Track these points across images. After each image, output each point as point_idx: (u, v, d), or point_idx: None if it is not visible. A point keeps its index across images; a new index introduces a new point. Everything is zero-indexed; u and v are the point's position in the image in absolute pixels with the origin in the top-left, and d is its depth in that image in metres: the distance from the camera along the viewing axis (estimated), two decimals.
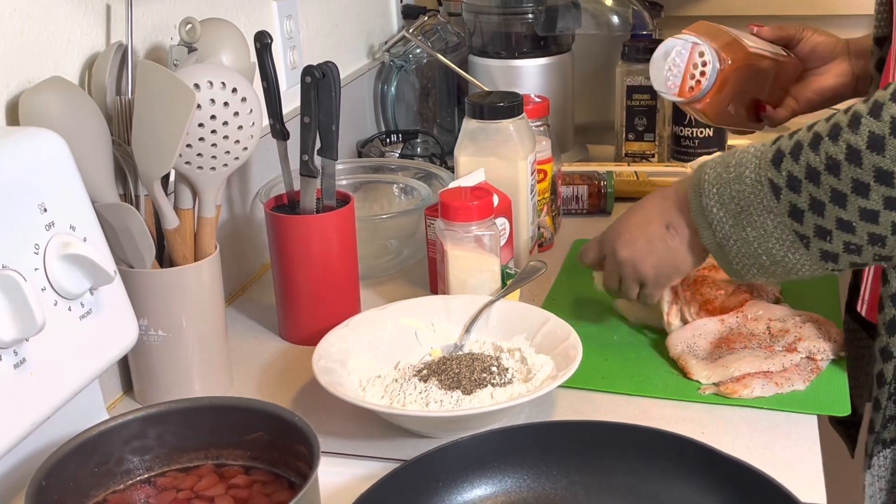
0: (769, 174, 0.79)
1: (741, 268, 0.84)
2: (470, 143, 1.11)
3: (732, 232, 0.83)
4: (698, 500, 0.71)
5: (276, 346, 1.03)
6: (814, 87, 1.10)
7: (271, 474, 0.73)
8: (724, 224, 0.83)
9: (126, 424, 0.72)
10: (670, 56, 1.02)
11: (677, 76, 1.02)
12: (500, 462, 0.74)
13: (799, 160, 0.77)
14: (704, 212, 0.84)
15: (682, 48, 1.02)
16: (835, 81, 1.10)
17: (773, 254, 0.81)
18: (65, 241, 0.72)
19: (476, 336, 0.95)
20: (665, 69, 1.02)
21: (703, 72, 1.01)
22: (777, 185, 0.79)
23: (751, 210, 0.81)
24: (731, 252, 0.84)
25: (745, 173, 0.81)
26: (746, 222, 0.81)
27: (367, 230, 1.12)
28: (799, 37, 1.09)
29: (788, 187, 0.78)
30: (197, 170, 0.86)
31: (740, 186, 0.81)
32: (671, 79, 1.03)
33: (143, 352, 0.89)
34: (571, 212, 1.34)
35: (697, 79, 1.02)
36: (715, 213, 0.83)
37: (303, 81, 0.94)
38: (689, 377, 0.91)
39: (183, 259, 0.89)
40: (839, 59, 1.09)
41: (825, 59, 1.10)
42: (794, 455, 0.81)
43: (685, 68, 1.01)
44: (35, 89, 0.79)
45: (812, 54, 1.09)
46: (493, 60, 1.50)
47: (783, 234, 0.80)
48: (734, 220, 0.82)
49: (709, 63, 1.01)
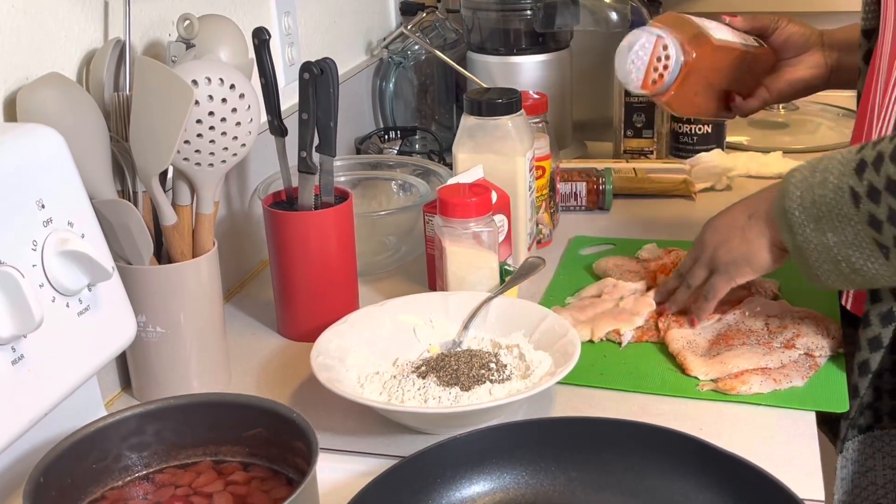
0: (851, 182, 0.79)
1: (821, 273, 0.84)
2: (468, 140, 1.11)
3: (813, 236, 0.83)
4: (696, 497, 0.71)
5: (275, 343, 1.03)
6: (786, 77, 1.10)
7: (270, 471, 0.73)
8: (804, 227, 0.83)
9: (124, 421, 0.72)
10: (634, 49, 1.02)
11: (640, 69, 1.02)
12: (498, 458, 0.74)
13: (880, 171, 0.77)
14: (787, 213, 0.84)
15: (647, 41, 1.01)
16: (807, 73, 1.10)
17: (852, 262, 0.81)
18: (63, 238, 0.72)
19: (474, 332, 0.95)
20: (629, 62, 1.02)
21: (666, 65, 1.01)
22: (857, 194, 0.79)
23: (832, 216, 0.81)
24: (811, 257, 0.84)
25: (830, 178, 0.81)
26: (828, 227, 0.82)
27: (366, 227, 1.12)
28: (773, 27, 1.09)
29: (868, 197, 0.78)
30: (195, 166, 0.86)
31: (823, 191, 0.81)
32: (634, 71, 1.02)
33: (141, 348, 0.89)
34: (570, 208, 1.34)
35: (660, 72, 1.01)
36: (796, 216, 0.83)
37: (301, 78, 0.94)
38: (688, 373, 0.91)
39: (181, 255, 0.89)
40: (813, 50, 1.10)
41: (799, 50, 1.10)
42: (792, 451, 0.81)
43: (648, 61, 1.01)
44: (33, 86, 0.79)
45: (786, 45, 1.10)
46: (492, 57, 1.50)
47: (863, 242, 0.80)
48: (815, 223, 0.82)
49: (672, 57, 1.01)
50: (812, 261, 0.84)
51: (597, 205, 1.34)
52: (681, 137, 1.49)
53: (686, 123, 1.47)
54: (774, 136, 1.63)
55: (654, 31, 1.02)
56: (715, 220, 0.95)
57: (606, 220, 1.32)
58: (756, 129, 1.65)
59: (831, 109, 1.69)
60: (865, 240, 0.80)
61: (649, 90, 1.03)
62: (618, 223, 1.31)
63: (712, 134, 1.48)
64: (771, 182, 1.34)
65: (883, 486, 0.97)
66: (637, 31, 1.03)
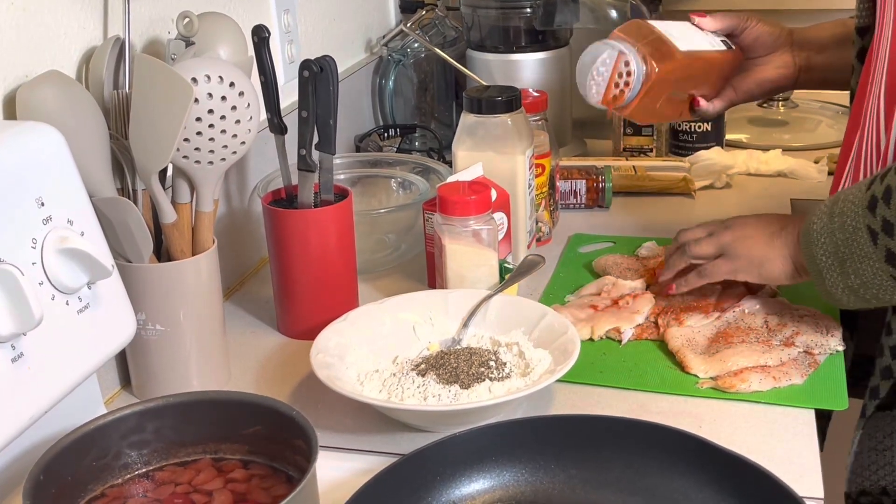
0: (866, 220, 0.81)
1: (852, 307, 0.87)
2: (468, 138, 1.11)
3: (839, 280, 0.85)
4: (696, 494, 0.71)
5: (274, 341, 1.03)
6: (754, 77, 1.10)
7: (269, 468, 0.73)
8: (832, 272, 0.85)
9: (124, 419, 0.72)
10: (595, 64, 0.99)
11: (601, 84, 0.99)
12: (498, 456, 0.74)
13: (890, 204, 0.79)
14: (815, 261, 0.86)
15: (608, 57, 0.98)
16: (776, 73, 1.09)
17: (879, 297, 0.83)
18: (62, 236, 0.72)
19: (474, 330, 0.95)
20: (589, 77, 0.99)
21: (628, 82, 0.98)
22: (873, 231, 0.80)
23: (854, 257, 0.82)
24: (842, 299, 0.86)
25: (847, 221, 0.83)
26: (851, 270, 0.83)
27: (365, 224, 1.12)
28: (743, 26, 1.08)
29: (884, 232, 0.79)
30: (194, 164, 0.86)
31: (843, 235, 0.83)
32: (595, 87, 1.00)
33: (140, 346, 0.89)
34: (569, 206, 1.34)
35: (622, 88, 0.99)
36: (824, 262, 0.85)
37: (301, 76, 0.94)
38: (687, 371, 0.91)
39: (181, 253, 0.89)
40: (781, 49, 1.09)
41: (768, 50, 1.09)
42: (792, 449, 0.81)
43: (609, 77, 0.98)
44: (32, 83, 0.79)
45: (755, 44, 1.08)
46: (491, 55, 1.50)
47: (882, 281, 0.81)
48: (840, 267, 0.84)
49: (633, 73, 0.98)
50: (844, 303, 0.87)
51: (596, 203, 1.34)
52: (680, 135, 1.49)
53: (685, 122, 1.47)
54: (773, 133, 1.63)
55: (616, 46, 0.99)
56: (748, 217, 0.97)
57: (606, 218, 1.32)
58: (755, 126, 1.65)
59: (830, 107, 1.69)
60: (884, 277, 0.81)
61: (608, 105, 1.01)
62: (617, 221, 1.31)
63: (712, 132, 1.48)
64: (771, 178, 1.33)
65: None
66: (598, 45, 1.00)
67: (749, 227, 0.95)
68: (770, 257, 0.91)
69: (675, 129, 1.49)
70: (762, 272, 0.92)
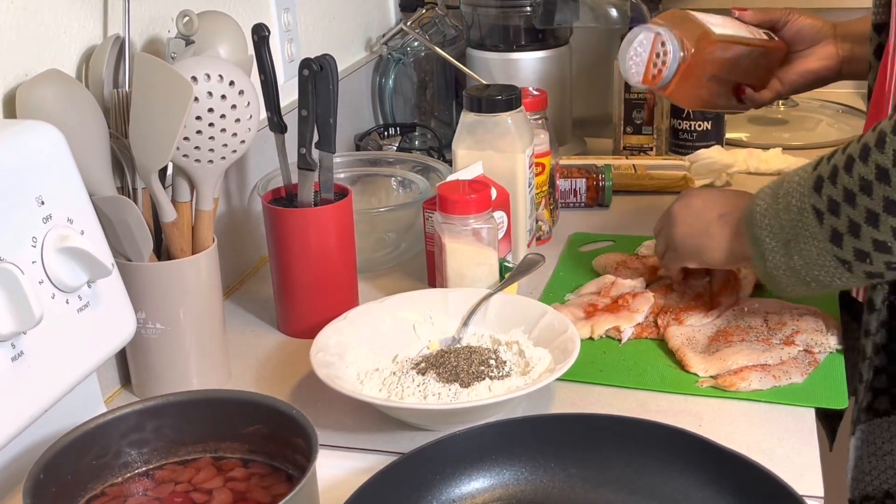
0: (812, 200, 0.80)
1: (791, 291, 0.86)
2: (468, 137, 1.11)
3: (782, 261, 0.84)
4: (696, 493, 0.71)
5: (274, 340, 1.03)
6: (798, 69, 1.11)
7: (269, 467, 0.73)
8: (774, 253, 0.84)
9: (124, 417, 0.72)
10: (633, 45, 1.05)
11: (640, 65, 1.05)
12: (497, 455, 0.74)
13: (836, 183, 0.78)
14: (758, 241, 0.85)
15: (645, 38, 1.04)
16: (819, 65, 1.10)
17: (819, 280, 0.83)
18: (62, 234, 0.72)
19: (474, 329, 0.95)
20: (629, 57, 1.05)
21: (665, 61, 1.04)
22: (819, 211, 0.80)
23: (798, 238, 0.82)
24: (782, 280, 0.85)
25: (792, 202, 0.82)
26: (794, 251, 0.83)
27: (365, 223, 1.12)
28: (784, 20, 1.10)
29: (830, 211, 0.79)
30: (194, 163, 0.86)
31: (788, 216, 0.82)
32: (634, 67, 1.05)
33: (140, 345, 0.89)
34: (569, 205, 1.34)
35: (659, 68, 1.04)
36: (767, 243, 0.84)
37: (300, 74, 0.94)
38: (687, 370, 0.91)
39: (181, 252, 0.89)
40: (824, 42, 1.10)
41: (811, 42, 1.10)
42: (792, 448, 0.81)
43: (647, 57, 1.04)
44: (32, 82, 0.79)
45: (797, 37, 1.10)
46: (491, 53, 1.50)
47: (826, 261, 0.81)
48: (784, 248, 0.83)
49: (669, 52, 1.03)
50: (784, 283, 0.86)
51: (596, 201, 1.34)
52: (680, 134, 1.49)
53: (685, 120, 1.47)
54: (774, 132, 1.63)
55: (652, 28, 1.05)
56: (689, 200, 0.97)
57: (606, 217, 1.32)
58: (755, 125, 1.65)
59: (831, 106, 1.69)
60: (828, 258, 0.81)
61: (650, 84, 1.06)
62: (617, 220, 1.31)
63: (712, 130, 1.48)
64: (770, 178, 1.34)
65: None
66: (637, 28, 1.06)
67: (689, 215, 0.95)
68: (709, 247, 0.93)
69: (675, 127, 1.49)
70: (701, 260, 0.95)
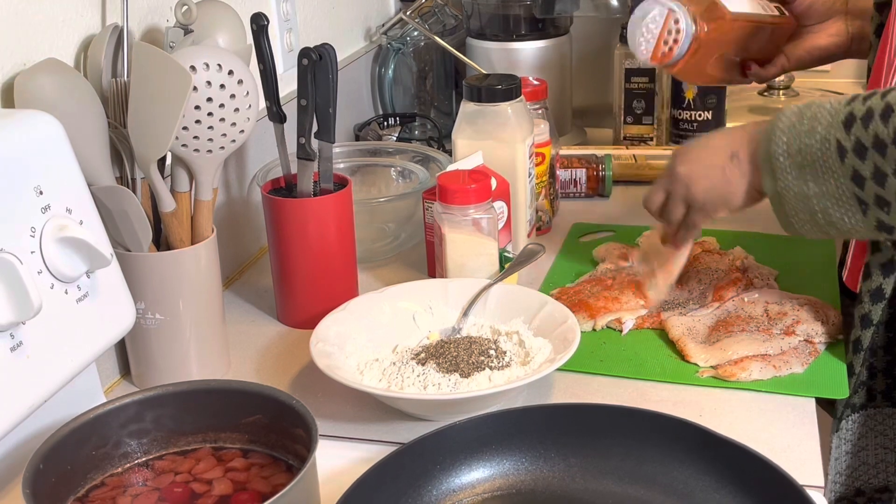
0: (838, 135, 0.78)
1: (795, 220, 0.83)
2: (468, 126, 1.11)
3: (794, 184, 0.81)
4: (696, 483, 0.71)
5: (274, 330, 1.03)
6: (806, 45, 1.09)
7: (269, 457, 0.73)
8: (786, 174, 0.82)
9: (123, 408, 0.72)
10: (645, 20, 1.02)
11: (650, 41, 1.02)
12: (497, 445, 0.74)
13: (868, 128, 0.76)
14: (770, 158, 0.83)
15: (658, 14, 1.01)
16: (828, 41, 1.09)
17: (829, 214, 0.80)
18: (61, 224, 0.71)
19: (474, 319, 0.95)
20: (639, 33, 1.02)
21: (676, 39, 1.01)
22: (843, 148, 0.77)
23: (815, 166, 0.79)
24: (789, 204, 0.83)
25: (818, 128, 0.79)
26: (810, 177, 0.80)
27: (365, 213, 1.11)
28: None
29: (854, 152, 0.77)
30: (193, 152, 0.85)
31: (810, 140, 0.80)
32: (644, 44, 1.02)
33: (140, 335, 0.89)
34: (569, 195, 1.34)
35: (671, 45, 1.01)
36: (781, 162, 0.82)
37: (300, 64, 0.94)
38: (688, 360, 0.91)
39: (180, 242, 0.88)
40: (835, 18, 1.08)
41: (821, 18, 1.08)
42: (792, 438, 0.81)
43: (659, 34, 1.01)
44: (30, 71, 0.79)
45: (808, 11, 1.08)
46: (491, 43, 1.49)
47: (843, 196, 0.79)
48: (798, 171, 0.81)
49: (682, 30, 1.00)
50: (789, 208, 0.83)
51: (596, 191, 1.34)
52: (681, 124, 1.48)
53: (686, 110, 1.47)
54: None
55: (666, 4, 1.01)
56: (691, 153, 0.91)
57: (606, 207, 1.32)
58: (756, 115, 1.65)
59: (832, 96, 1.69)
60: (846, 194, 0.79)
61: (658, 62, 1.03)
62: (617, 210, 1.31)
63: (712, 121, 1.47)
64: None
65: (874, 465, 0.97)
66: (650, 3, 1.02)
67: (698, 165, 0.90)
68: (731, 191, 0.88)
69: (676, 117, 1.48)
70: (730, 206, 0.89)
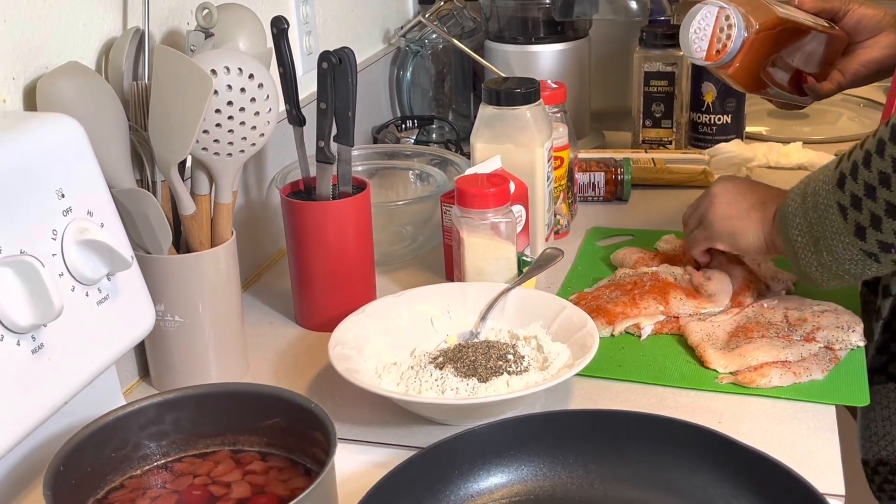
0: (836, 197, 0.83)
1: (829, 286, 0.89)
2: (486, 130, 1.11)
3: (814, 259, 0.87)
4: (715, 490, 0.71)
5: (292, 333, 1.03)
6: (860, 59, 1.10)
7: (287, 460, 0.73)
8: (806, 251, 0.87)
9: (143, 410, 0.72)
10: (696, 19, 1.03)
11: (703, 40, 1.04)
12: (516, 450, 0.74)
13: (857, 179, 0.80)
14: (790, 241, 0.88)
15: (709, 12, 1.03)
16: (881, 54, 1.09)
17: (851, 272, 0.85)
18: (82, 227, 0.72)
19: (492, 324, 0.95)
20: (692, 33, 1.04)
21: (729, 35, 1.02)
22: (844, 207, 0.82)
23: (826, 235, 0.85)
24: (815, 277, 0.88)
25: (819, 201, 0.85)
26: (824, 247, 0.85)
27: (383, 216, 1.11)
28: (844, 10, 1.09)
29: (853, 206, 0.81)
30: (214, 156, 0.86)
31: (816, 214, 0.85)
32: (697, 42, 1.04)
33: (159, 337, 0.89)
34: (588, 199, 1.34)
35: (724, 42, 1.02)
36: (799, 242, 0.88)
37: (319, 67, 0.94)
38: (707, 366, 0.91)
39: (199, 245, 0.89)
40: (886, 31, 1.09)
41: (872, 32, 1.09)
42: (813, 445, 0.80)
43: (711, 32, 1.03)
44: (52, 74, 0.79)
45: (858, 27, 1.09)
46: (510, 46, 1.49)
47: (853, 255, 0.83)
48: (814, 247, 0.86)
49: (734, 26, 1.02)
50: (818, 281, 0.89)
51: (615, 195, 1.34)
52: (700, 127, 1.48)
53: (705, 114, 1.46)
54: (794, 126, 1.62)
55: (717, 3, 1.03)
56: (732, 183, 1.00)
57: (624, 211, 1.31)
58: (775, 119, 1.64)
59: (853, 99, 1.68)
60: (854, 252, 0.83)
61: (712, 61, 1.04)
62: (636, 214, 1.30)
63: (731, 124, 1.46)
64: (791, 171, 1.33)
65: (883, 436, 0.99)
66: (699, 5, 1.04)
67: (728, 197, 0.98)
68: (743, 229, 0.95)
69: (695, 121, 1.48)
70: (734, 243, 0.97)
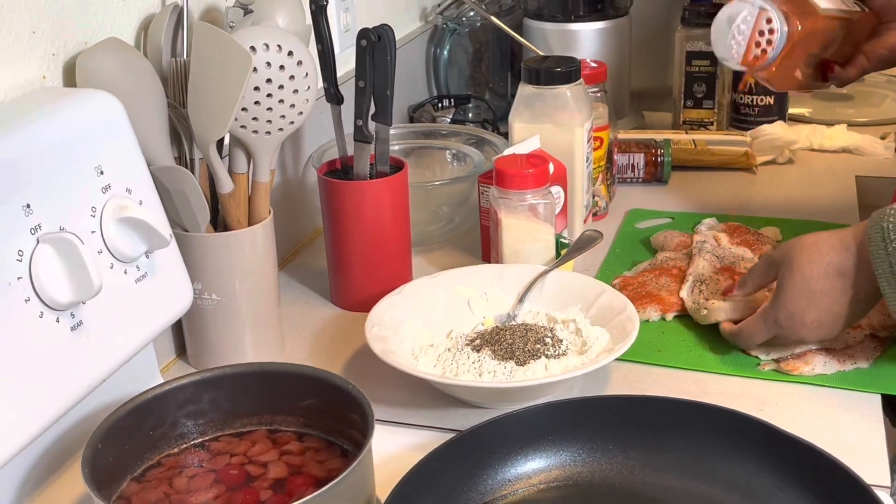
0: None
1: None
2: (525, 110, 1.09)
3: None
4: (758, 480, 0.70)
5: (328, 312, 1.03)
6: (887, 43, 1.05)
7: (324, 441, 0.72)
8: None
9: (181, 388, 0.72)
10: (735, 22, 0.97)
11: (741, 44, 0.97)
12: (555, 436, 0.73)
13: None
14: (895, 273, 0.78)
15: (749, 14, 0.96)
16: None
17: None
18: (121, 204, 0.72)
19: (530, 306, 0.94)
20: (729, 36, 0.97)
21: (770, 40, 0.96)
22: None
23: None
24: None
25: None
26: None
27: (420, 196, 1.10)
28: None
29: None
30: (252, 134, 0.85)
31: None
32: (735, 46, 0.97)
33: (196, 315, 0.89)
34: (627, 180, 1.32)
35: (764, 47, 0.97)
36: None
37: (358, 45, 0.93)
38: (748, 353, 0.89)
39: (237, 223, 0.88)
40: None
41: None
42: (858, 435, 0.79)
43: (751, 35, 0.96)
44: (91, 50, 0.79)
45: (888, 7, 1.04)
46: (549, 24, 1.47)
47: None
48: None
49: (776, 31, 0.96)
50: None
51: (654, 177, 1.32)
52: (742, 108, 1.45)
53: (747, 94, 1.44)
54: (838, 108, 1.59)
55: (756, 3, 0.96)
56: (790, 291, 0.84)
57: (664, 193, 1.30)
58: (819, 100, 1.61)
59: None
60: None
61: (750, 66, 0.98)
62: (676, 196, 1.28)
63: (774, 105, 1.44)
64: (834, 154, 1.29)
65: None
66: (737, 3, 0.97)
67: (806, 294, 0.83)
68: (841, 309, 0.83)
69: (737, 102, 1.45)
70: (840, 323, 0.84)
